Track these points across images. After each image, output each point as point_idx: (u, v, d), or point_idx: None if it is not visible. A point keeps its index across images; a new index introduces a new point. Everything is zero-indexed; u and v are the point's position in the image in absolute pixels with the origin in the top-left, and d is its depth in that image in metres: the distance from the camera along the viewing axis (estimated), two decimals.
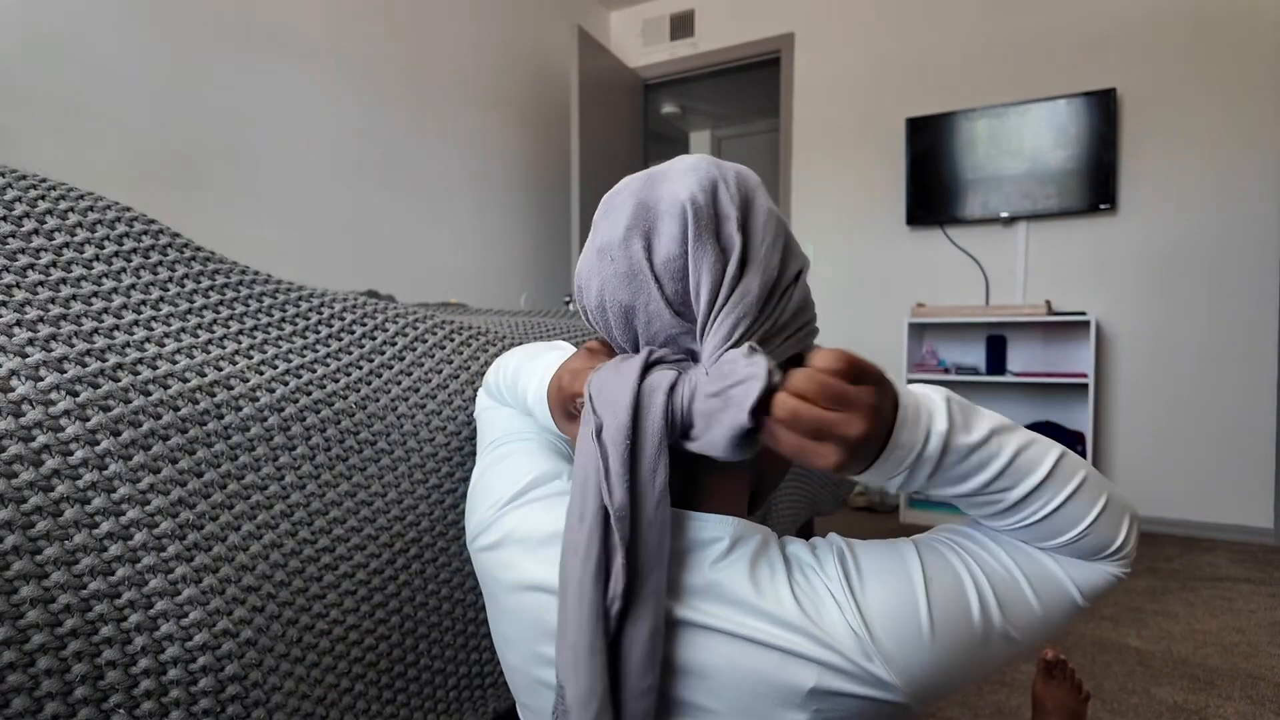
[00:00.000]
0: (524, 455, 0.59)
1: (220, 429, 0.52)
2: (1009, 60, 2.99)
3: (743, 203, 0.49)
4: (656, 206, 0.48)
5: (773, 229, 0.49)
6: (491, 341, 0.84)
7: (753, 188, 0.50)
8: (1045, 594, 0.46)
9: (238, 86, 2.13)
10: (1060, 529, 0.46)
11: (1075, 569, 0.47)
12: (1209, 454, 2.69)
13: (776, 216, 0.50)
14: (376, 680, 0.59)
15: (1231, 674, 1.59)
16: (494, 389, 0.68)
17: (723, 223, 0.47)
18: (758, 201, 0.50)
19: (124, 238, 0.58)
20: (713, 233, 0.47)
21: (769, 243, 0.48)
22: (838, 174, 3.36)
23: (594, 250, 0.51)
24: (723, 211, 0.47)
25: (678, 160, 0.51)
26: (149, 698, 0.42)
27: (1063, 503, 0.45)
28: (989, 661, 0.45)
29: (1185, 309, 2.72)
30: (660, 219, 0.47)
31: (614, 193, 0.51)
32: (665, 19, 3.78)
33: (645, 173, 0.51)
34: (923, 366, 3.04)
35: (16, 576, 0.38)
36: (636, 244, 0.48)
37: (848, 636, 0.43)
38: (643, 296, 0.48)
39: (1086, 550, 0.47)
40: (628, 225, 0.48)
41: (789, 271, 0.50)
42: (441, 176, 2.88)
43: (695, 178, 0.48)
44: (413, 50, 2.74)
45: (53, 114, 1.72)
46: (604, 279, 0.50)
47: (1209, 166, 2.67)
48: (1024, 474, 0.44)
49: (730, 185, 0.48)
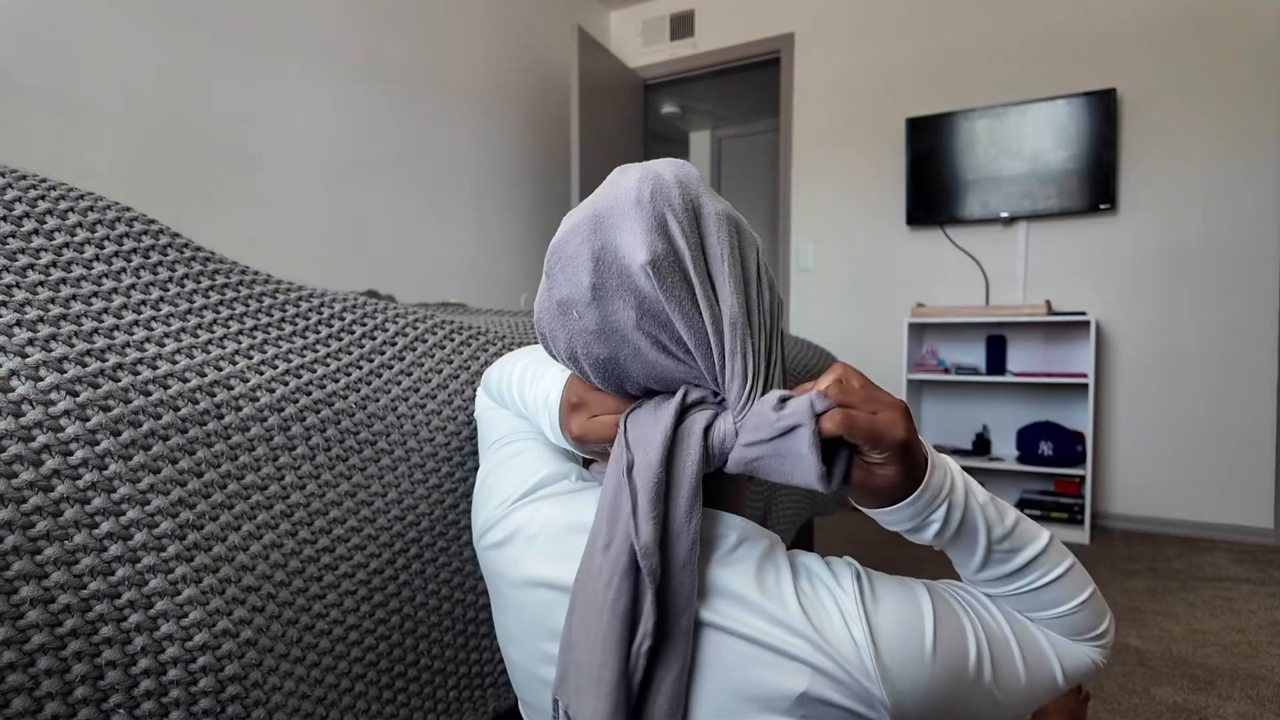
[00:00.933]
0: (531, 454, 0.59)
1: (220, 429, 0.52)
2: (1009, 60, 2.99)
3: (692, 227, 0.47)
4: (617, 263, 0.46)
5: (726, 237, 0.48)
6: (491, 341, 0.84)
7: (696, 195, 0.49)
8: (1033, 665, 0.48)
9: (238, 86, 2.13)
10: (1057, 600, 0.49)
11: (1062, 647, 0.50)
12: (1209, 454, 2.69)
13: (725, 217, 0.49)
14: (376, 680, 0.59)
15: (1231, 674, 1.59)
16: (495, 390, 0.67)
17: (685, 266, 0.46)
18: (705, 213, 0.48)
19: (124, 238, 0.58)
20: (681, 284, 0.46)
21: (729, 255, 0.48)
22: (838, 174, 3.36)
23: (554, 303, 0.49)
24: (679, 251, 0.46)
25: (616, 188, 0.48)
26: (149, 698, 0.42)
27: (1060, 575, 0.49)
28: (969, 711, 0.46)
29: (1185, 309, 2.72)
30: (623, 276, 0.46)
31: (562, 242, 0.49)
32: (665, 19, 3.78)
33: (589, 214, 0.48)
34: (923, 366, 3.05)
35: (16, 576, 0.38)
36: (607, 304, 0.46)
37: (849, 647, 0.43)
38: (626, 349, 0.48)
39: (1076, 628, 0.50)
40: (591, 284, 0.46)
41: (751, 262, 0.50)
42: (442, 176, 2.88)
43: (642, 223, 0.46)
44: (413, 50, 2.74)
45: (53, 114, 1.72)
46: (571, 334, 0.49)
47: (1209, 166, 2.67)
48: (1028, 539, 0.49)
49: (678, 212, 0.47)
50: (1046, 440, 2.79)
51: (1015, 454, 2.93)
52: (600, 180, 3.32)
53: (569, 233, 0.48)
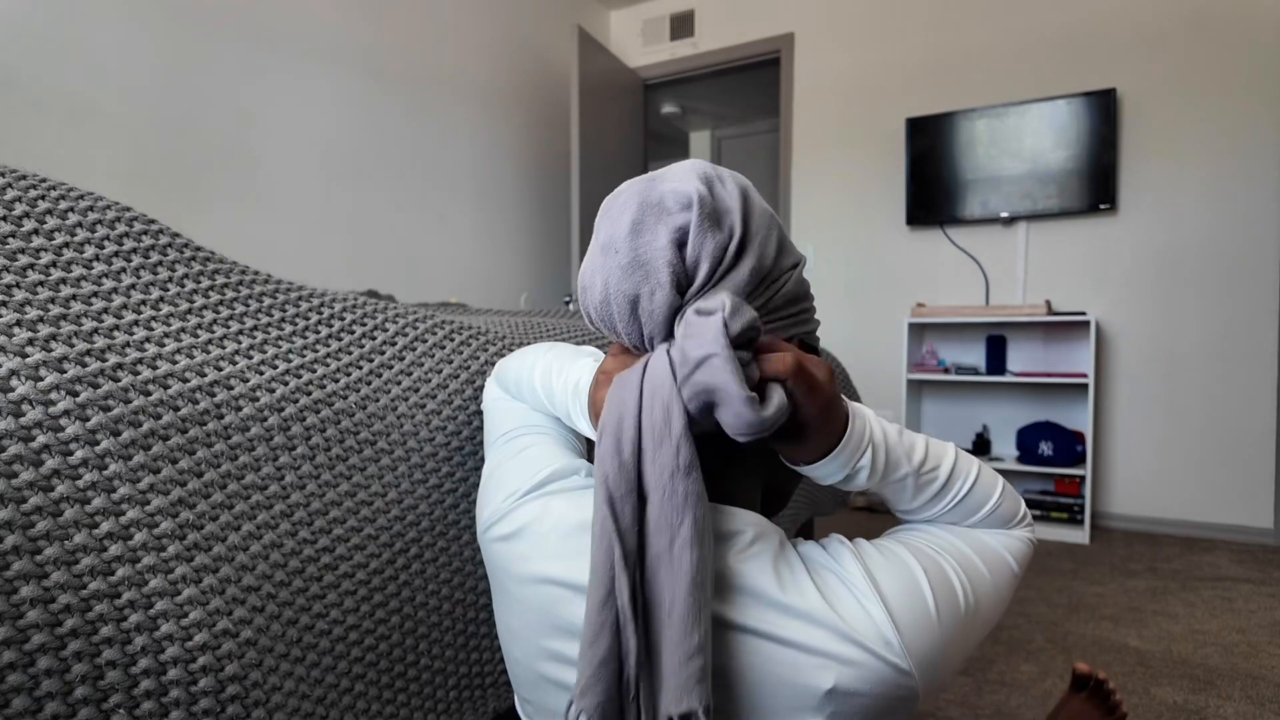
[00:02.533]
0: (542, 448, 0.59)
1: (220, 429, 0.52)
2: (1009, 60, 2.99)
3: (741, 199, 0.51)
4: (661, 201, 0.50)
5: (766, 223, 0.52)
6: (491, 341, 0.84)
7: (748, 188, 0.53)
8: (991, 564, 0.52)
9: (238, 86, 2.13)
10: (981, 502, 0.53)
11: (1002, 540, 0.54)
12: (1209, 454, 2.69)
13: (770, 214, 0.53)
14: (376, 680, 0.59)
15: (1231, 674, 1.59)
16: (511, 382, 0.67)
17: (723, 214, 0.50)
18: (753, 199, 0.52)
19: (124, 238, 0.58)
20: (714, 221, 0.49)
21: (763, 234, 0.51)
22: (838, 174, 3.36)
23: (598, 248, 0.52)
24: (722, 205, 0.50)
25: (675, 165, 0.53)
26: (149, 698, 0.42)
27: (976, 478, 0.53)
28: (970, 640, 0.49)
29: (1185, 309, 2.72)
30: (665, 212, 0.49)
31: (615, 195, 0.53)
32: (665, 19, 3.78)
33: (645, 176, 0.53)
34: (923, 366, 3.05)
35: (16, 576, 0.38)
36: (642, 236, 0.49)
37: (868, 626, 0.44)
38: (647, 285, 0.49)
39: (1004, 518, 0.55)
40: (633, 220, 0.50)
41: (784, 262, 0.52)
42: (442, 176, 2.88)
43: (695, 175, 0.50)
44: (413, 50, 2.74)
45: (53, 114, 1.72)
46: (608, 273, 0.51)
47: (1209, 166, 2.67)
48: (940, 456, 0.53)
49: (727, 184, 0.51)
50: (1046, 440, 2.79)
51: (1015, 454, 2.93)
52: (600, 180, 3.33)
53: (623, 188, 0.53)
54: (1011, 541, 0.55)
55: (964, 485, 0.53)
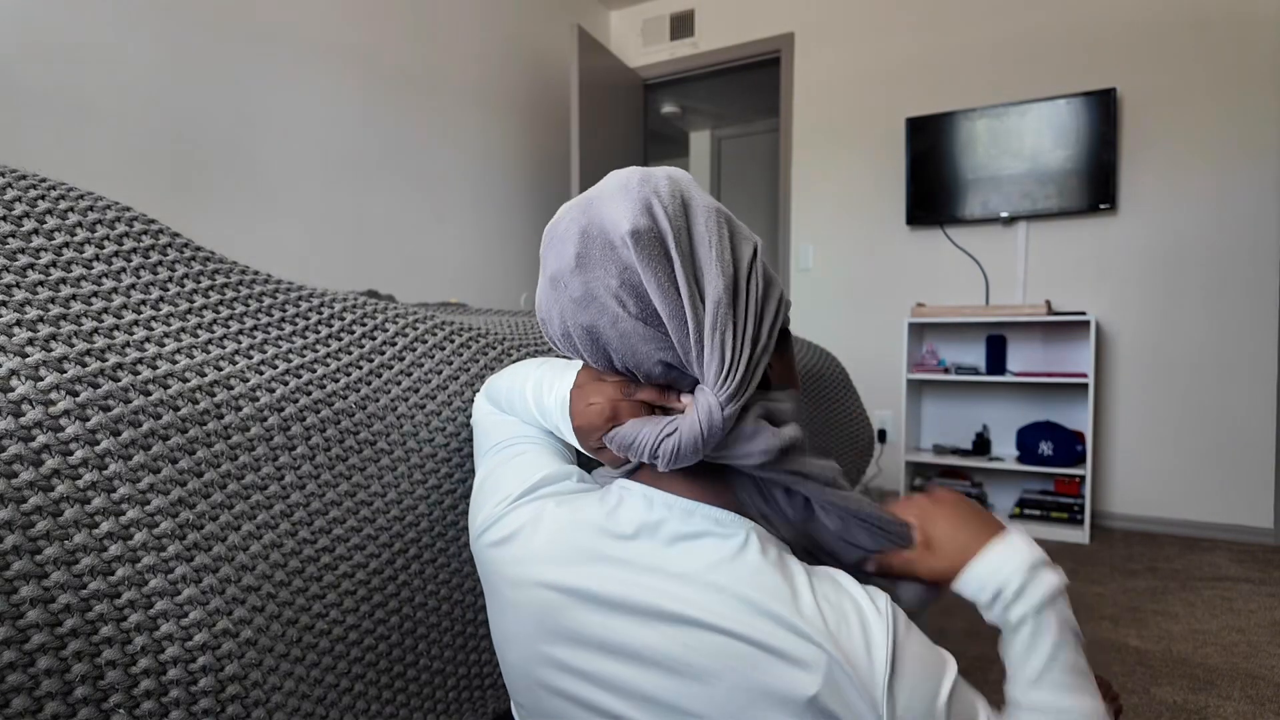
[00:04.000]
0: (534, 455, 0.59)
1: (220, 429, 0.52)
2: (1009, 60, 2.99)
3: (678, 212, 0.49)
4: (602, 235, 0.48)
5: (715, 226, 0.50)
6: (491, 344, 0.84)
7: (685, 189, 0.51)
8: None
9: (238, 86, 2.13)
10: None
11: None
12: (1209, 454, 2.69)
13: (715, 210, 0.51)
14: (376, 680, 0.59)
15: (1231, 674, 1.59)
16: (503, 397, 0.67)
17: (667, 244, 0.48)
18: (694, 204, 0.50)
19: (124, 238, 0.58)
20: (660, 258, 0.47)
21: (716, 242, 0.49)
22: (838, 174, 3.36)
23: (547, 280, 0.52)
24: (662, 229, 0.48)
25: (608, 180, 0.52)
26: (149, 697, 0.42)
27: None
28: None
29: (1185, 309, 2.72)
30: (608, 246, 0.48)
31: (554, 223, 0.52)
32: (665, 19, 3.78)
33: (580, 199, 0.52)
34: (923, 366, 3.05)
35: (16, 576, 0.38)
36: (590, 270, 0.48)
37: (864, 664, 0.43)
38: (605, 317, 0.49)
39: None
40: (576, 253, 0.49)
41: (743, 255, 0.51)
42: (442, 176, 2.88)
43: (628, 202, 0.48)
44: (412, 50, 2.74)
45: (53, 114, 1.72)
46: (562, 306, 0.51)
47: (1209, 166, 2.67)
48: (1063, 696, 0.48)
49: (664, 198, 0.49)
50: (1046, 440, 2.79)
51: (1015, 454, 2.93)
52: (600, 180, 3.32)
53: (560, 215, 0.52)
54: None
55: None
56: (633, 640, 0.47)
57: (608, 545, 0.50)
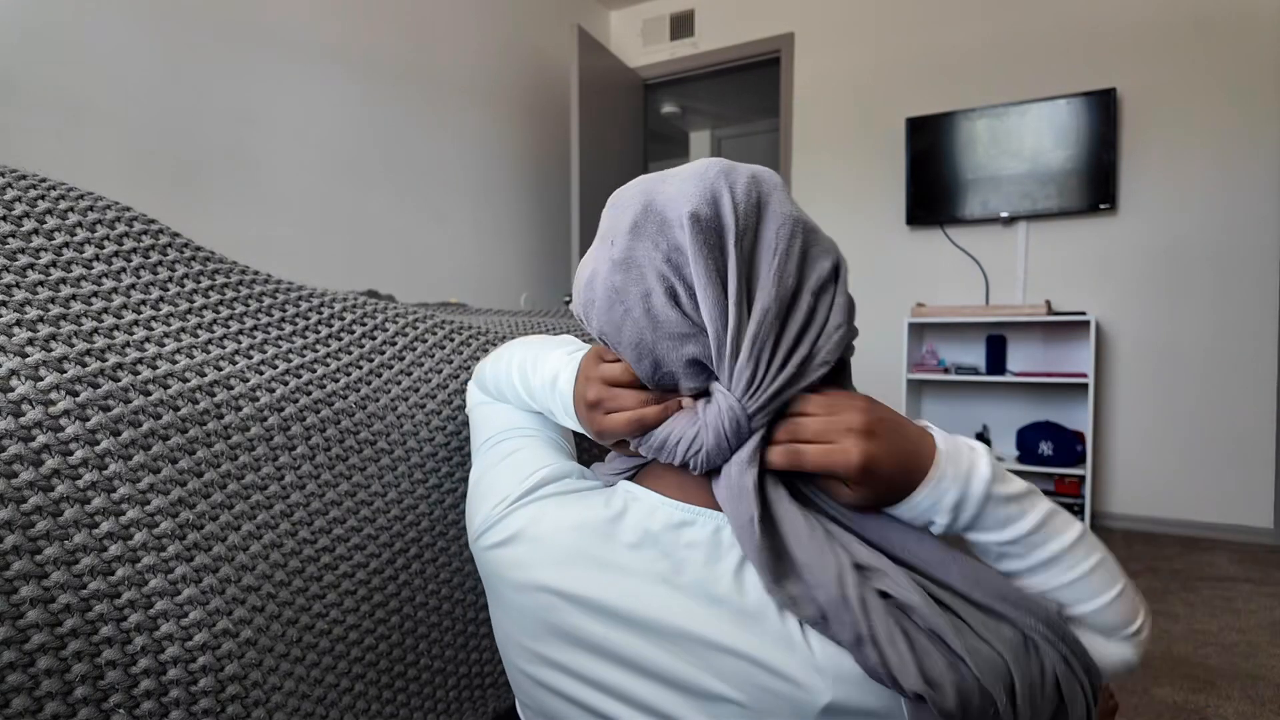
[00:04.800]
0: (529, 451, 0.58)
1: (220, 429, 0.52)
2: (1009, 60, 2.99)
3: (749, 210, 0.47)
4: (663, 211, 0.47)
5: (786, 235, 0.47)
6: (492, 342, 0.84)
7: (767, 192, 0.49)
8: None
9: (238, 86, 2.13)
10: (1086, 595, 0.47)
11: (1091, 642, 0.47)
12: (1209, 454, 2.69)
13: (792, 219, 0.48)
14: (376, 680, 0.59)
15: (1231, 674, 1.59)
16: (491, 383, 0.66)
17: (726, 239, 0.46)
18: (771, 208, 0.48)
19: (124, 238, 0.58)
20: (714, 249, 0.46)
21: (783, 251, 0.47)
22: (838, 174, 3.36)
23: (598, 238, 0.52)
24: (725, 226, 0.46)
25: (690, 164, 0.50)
26: (149, 697, 0.42)
27: (1090, 570, 0.47)
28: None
29: (1185, 309, 2.72)
30: (665, 224, 0.47)
31: (622, 190, 0.52)
32: (665, 19, 3.78)
33: (658, 174, 0.51)
34: (922, 366, 3.04)
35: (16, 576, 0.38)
36: (640, 240, 0.48)
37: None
38: (636, 288, 0.47)
39: (1109, 625, 0.47)
40: (634, 220, 0.48)
41: (812, 275, 0.48)
42: (442, 176, 2.88)
43: (699, 187, 0.47)
44: (413, 50, 2.74)
45: (53, 114, 1.72)
46: (598, 260, 0.50)
47: (1209, 166, 2.67)
48: (1056, 533, 0.47)
49: (737, 194, 0.47)
50: (1046, 440, 2.79)
51: (1015, 454, 2.92)
52: (600, 180, 3.32)
53: (633, 183, 0.51)
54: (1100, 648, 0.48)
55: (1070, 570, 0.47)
56: (637, 653, 0.46)
57: (611, 552, 0.49)
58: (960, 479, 0.46)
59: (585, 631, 0.48)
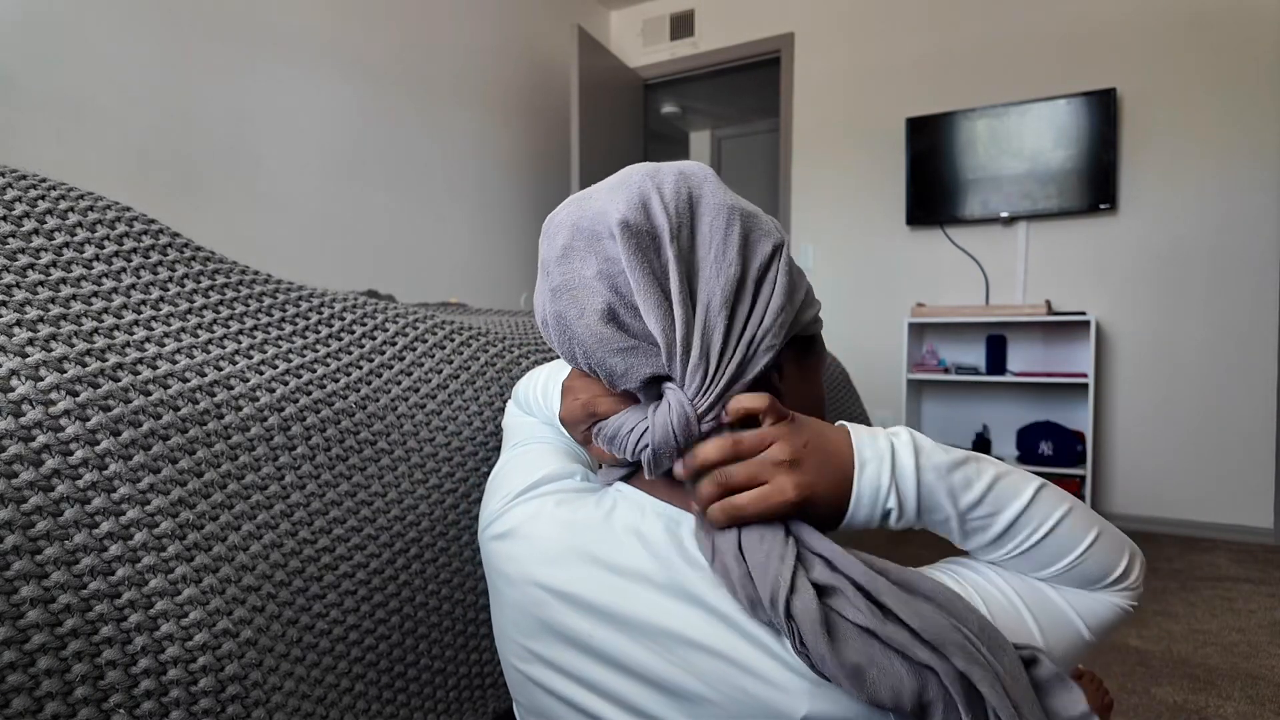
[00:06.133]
0: (539, 453, 0.59)
1: (220, 429, 0.52)
2: (1009, 60, 2.99)
3: (681, 209, 0.47)
4: (591, 227, 0.47)
5: (723, 224, 0.47)
6: (492, 342, 0.84)
7: (697, 185, 0.49)
8: (1048, 625, 0.45)
9: (238, 86, 2.13)
10: (1053, 556, 0.45)
11: (1078, 599, 0.46)
12: (1209, 454, 2.69)
13: (727, 208, 0.48)
14: (376, 680, 0.59)
15: (1231, 674, 1.59)
16: (523, 399, 0.69)
17: (661, 239, 0.46)
18: (704, 202, 0.48)
19: (124, 238, 0.58)
20: (649, 253, 0.46)
21: (721, 240, 0.47)
22: (838, 174, 3.36)
23: (539, 267, 0.52)
24: (658, 227, 0.46)
25: (616, 174, 0.50)
26: (149, 698, 0.42)
27: (1052, 528, 0.45)
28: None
29: (1185, 309, 2.72)
30: (594, 238, 0.47)
31: (553, 214, 0.51)
32: (665, 19, 3.78)
33: (580, 194, 0.51)
34: (923, 366, 3.05)
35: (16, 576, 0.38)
36: (571, 262, 0.48)
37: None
38: (574, 309, 0.47)
39: (1086, 577, 0.46)
40: (564, 245, 0.48)
41: (757, 258, 0.48)
42: (442, 176, 2.88)
43: (625, 195, 0.47)
44: (413, 50, 2.74)
45: (53, 114, 1.72)
46: (540, 295, 0.51)
47: (1209, 166, 2.67)
48: (1008, 497, 0.45)
49: (665, 194, 0.47)
50: (1046, 440, 2.79)
51: (1015, 454, 2.93)
52: (600, 180, 3.32)
53: (561, 206, 0.51)
54: (1090, 603, 0.46)
55: (1032, 534, 0.45)
56: (621, 652, 0.46)
57: (601, 550, 0.49)
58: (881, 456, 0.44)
59: (573, 628, 0.48)
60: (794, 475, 0.44)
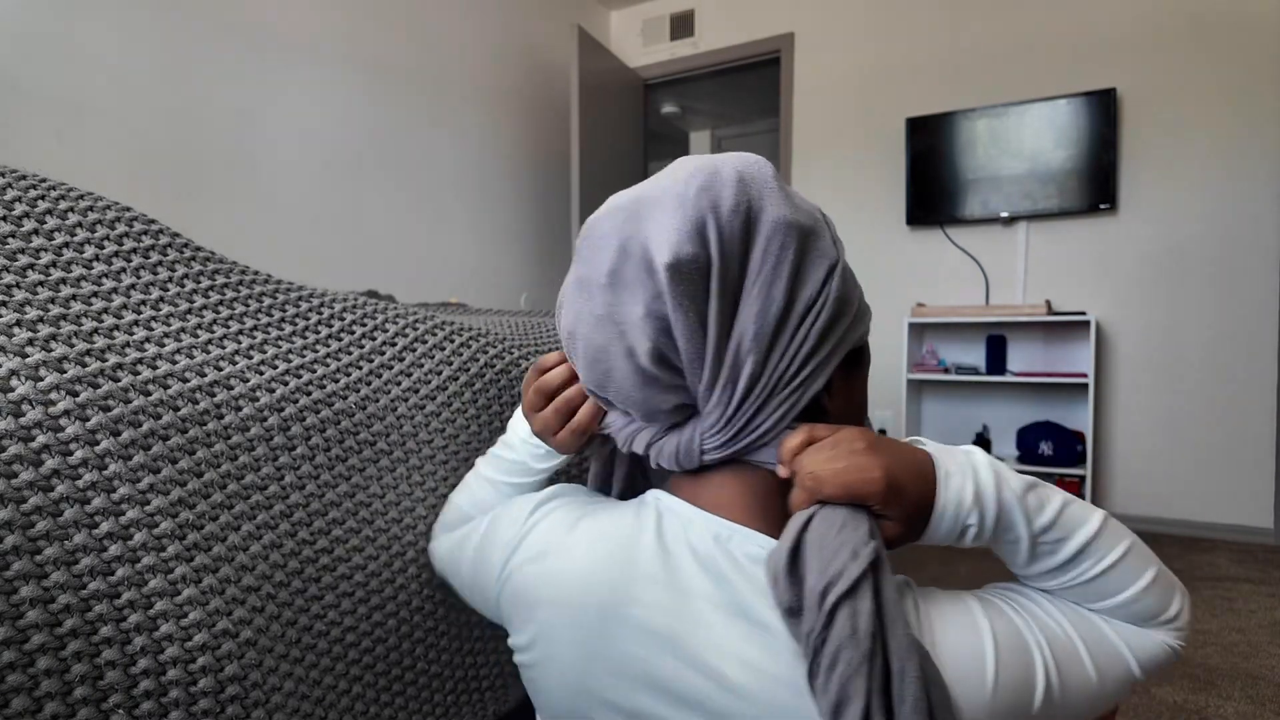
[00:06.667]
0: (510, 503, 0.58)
1: (220, 429, 0.52)
2: (1009, 60, 2.99)
3: (735, 234, 0.44)
4: (642, 254, 0.44)
5: (777, 249, 0.44)
6: (492, 343, 0.84)
7: (756, 197, 0.45)
8: (1103, 665, 0.43)
9: (238, 86, 2.13)
10: (1114, 589, 0.44)
11: (1131, 636, 0.45)
12: (1209, 454, 2.69)
13: (784, 226, 0.44)
14: (375, 682, 0.59)
15: (1231, 674, 1.59)
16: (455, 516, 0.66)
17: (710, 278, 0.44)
18: (762, 220, 0.44)
19: (124, 238, 0.58)
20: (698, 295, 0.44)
21: (770, 270, 0.44)
22: (838, 174, 3.36)
23: (575, 279, 0.48)
24: (709, 259, 0.43)
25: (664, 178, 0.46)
26: (148, 698, 0.42)
27: (1116, 561, 0.44)
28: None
29: (1185, 309, 2.72)
30: (645, 270, 0.44)
31: (596, 221, 0.48)
32: (665, 19, 3.78)
33: (631, 198, 0.47)
34: (923, 366, 3.04)
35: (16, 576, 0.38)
36: (619, 293, 0.45)
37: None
38: (618, 346, 0.46)
39: (1142, 614, 0.45)
40: (610, 269, 0.45)
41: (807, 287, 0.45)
42: (442, 176, 2.88)
43: (680, 219, 0.43)
44: (413, 50, 2.74)
45: (53, 114, 1.72)
46: (578, 313, 0.48)
47: (1209, 166, 2.67)
48: (1077, 524, 0.44)
49: (723, 213, 0.43)
50: (1046, 440, 2.79)
51: (1015, 454, 2.92)
52: (600, 180, 3.32)
53: (606, 214, 0.47)
54: (1143, 640, 0.45)
55: (1095, 565, 0.44)
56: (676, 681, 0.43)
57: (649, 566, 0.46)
58: (964, 471, 0.43)
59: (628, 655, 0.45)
60: (877, 456, 0.42)
